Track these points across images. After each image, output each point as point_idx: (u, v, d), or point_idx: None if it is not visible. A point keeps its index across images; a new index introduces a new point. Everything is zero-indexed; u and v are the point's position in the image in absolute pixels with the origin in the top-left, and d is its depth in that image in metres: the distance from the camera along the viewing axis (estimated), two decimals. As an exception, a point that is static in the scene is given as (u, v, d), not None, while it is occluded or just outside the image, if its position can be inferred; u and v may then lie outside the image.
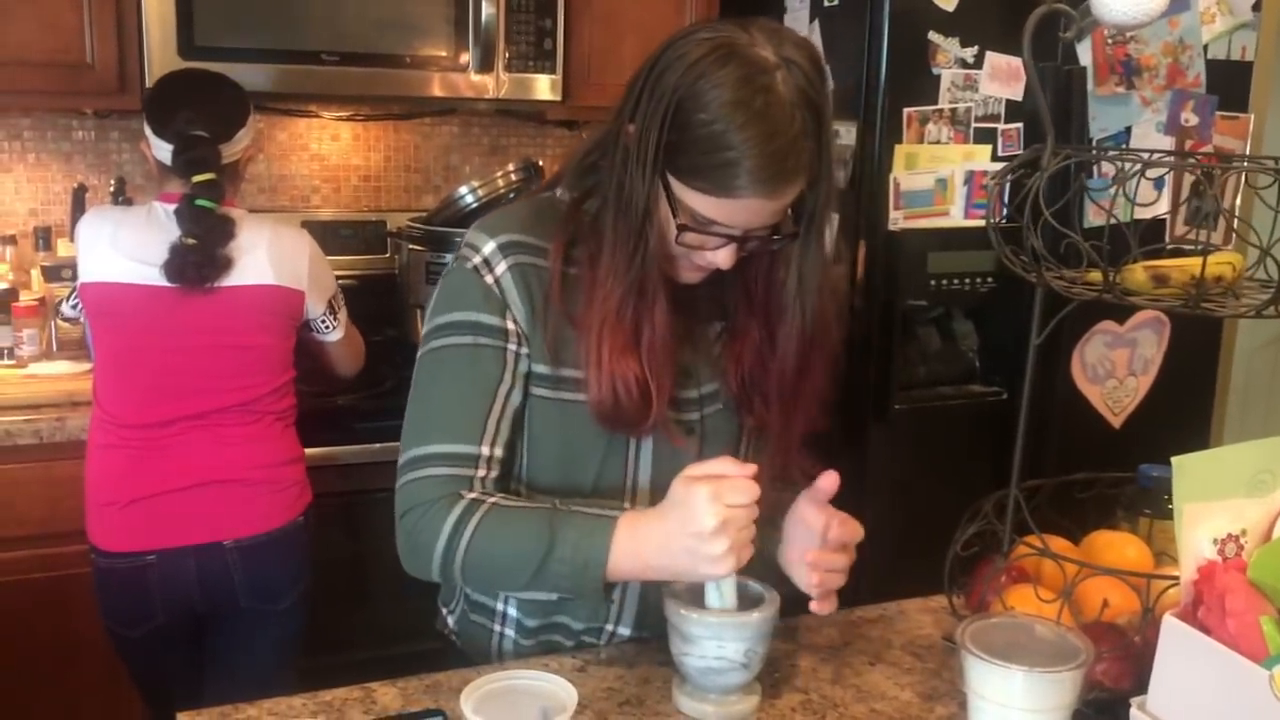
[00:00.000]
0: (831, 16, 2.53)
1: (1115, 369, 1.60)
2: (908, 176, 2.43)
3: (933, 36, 2.39)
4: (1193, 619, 0.99)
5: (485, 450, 1.22)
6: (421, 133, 3.01)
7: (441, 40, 2.54)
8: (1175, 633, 0.99)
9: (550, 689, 1.09)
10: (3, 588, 2.19)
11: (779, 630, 1.23)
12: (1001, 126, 2.49)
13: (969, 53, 2.43)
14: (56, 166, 2.70)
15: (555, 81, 2.65)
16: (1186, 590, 1.01)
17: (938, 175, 2.46)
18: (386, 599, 2.31)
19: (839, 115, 2.40)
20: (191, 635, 2.07)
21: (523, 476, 1.30)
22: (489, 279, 1.22)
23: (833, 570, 1.23)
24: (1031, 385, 1.28)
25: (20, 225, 2.67)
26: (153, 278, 1.93)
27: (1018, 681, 1.04)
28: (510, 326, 1.23)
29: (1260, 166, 1.14)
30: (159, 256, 1.93)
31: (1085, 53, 2.48)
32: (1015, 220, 1.17)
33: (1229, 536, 1.01)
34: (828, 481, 1.23)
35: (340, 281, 2.25)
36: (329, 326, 2.18)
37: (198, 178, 1.96)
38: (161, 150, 2.00)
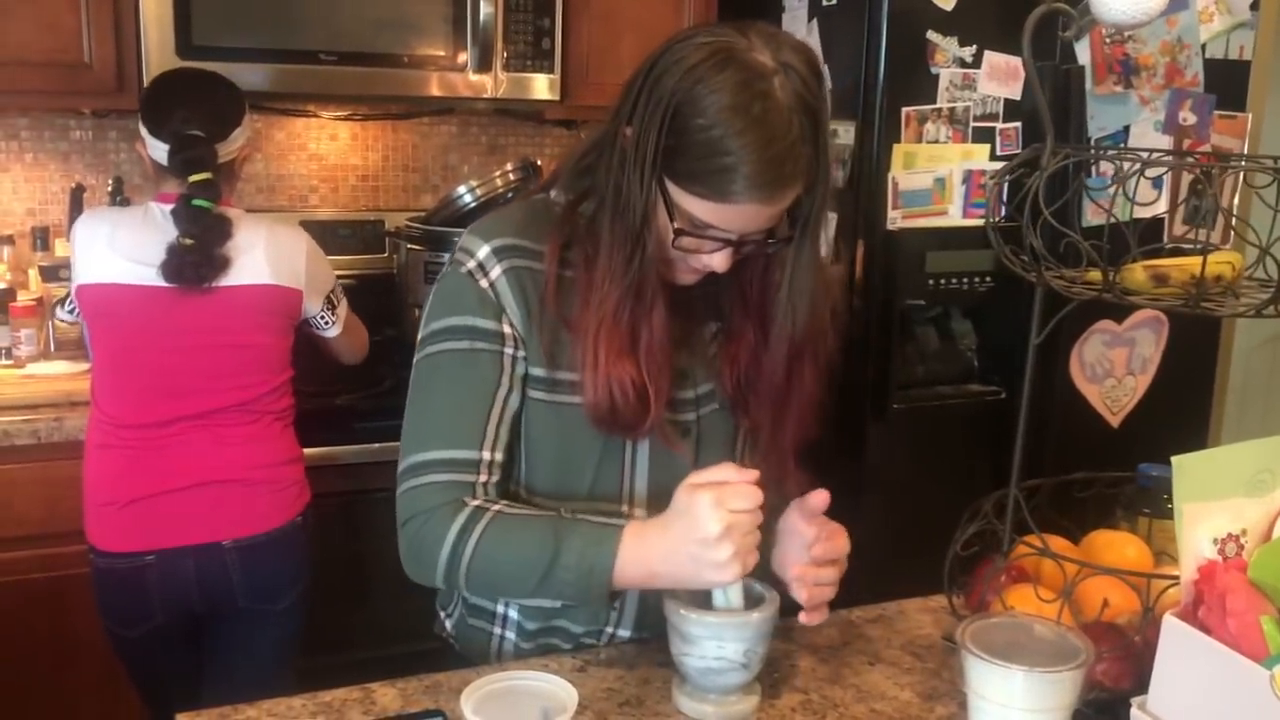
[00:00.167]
0: (830, 16, 2.53)
1: (1114, 368, 1.60)
2: (906, 176, 2.44)
3: (931, 36, 2.40)
4: (1193, 619, 0.99)
5: (485, 455, 1.22)
6: (420, 132, 3.01)
7: (439, 40, 2.54)
8: (1176, 632, 0.99)
9: (550, 689, 1.09)
10: (1, 588, 2.18)
11: (779, 630, 1.23)
12: (1000, 126, 2.49)
13: (967, 52, 2.43)
14: (54, 166, 2.70)
15: (553, 81, 2.65)
16: (1187, 590, 1.01)
17: (936, 175, 2.46)
18: (386, 599, 2.30)
19: (837, 114, 2.40)
20: (190, 635, 2.07)
21: (520, 480, 1.29)
22: (484, 283, 1.22)
23: (821, 584, 1.22)
24: (1031, 385, 1.28)
25: (18, 225, 2.66)
26: (150, 278, 1.93)
27: (1018, 681, 1.04)
28: (507, 330, 1.22)
29: (1259, 165, 1.13)
30: (156, 257, 1.92)
31: (1083, 52, 2.48)
32: (1014, 220, 1.17)
33: (1229, 536, 1.01)
34: (818, 500, 1.23)
35: (339, 282, 2.25)
36: (328, 323, 2.18)
37: (194, 177, 1.95)
38: (157, 150, 2.00)
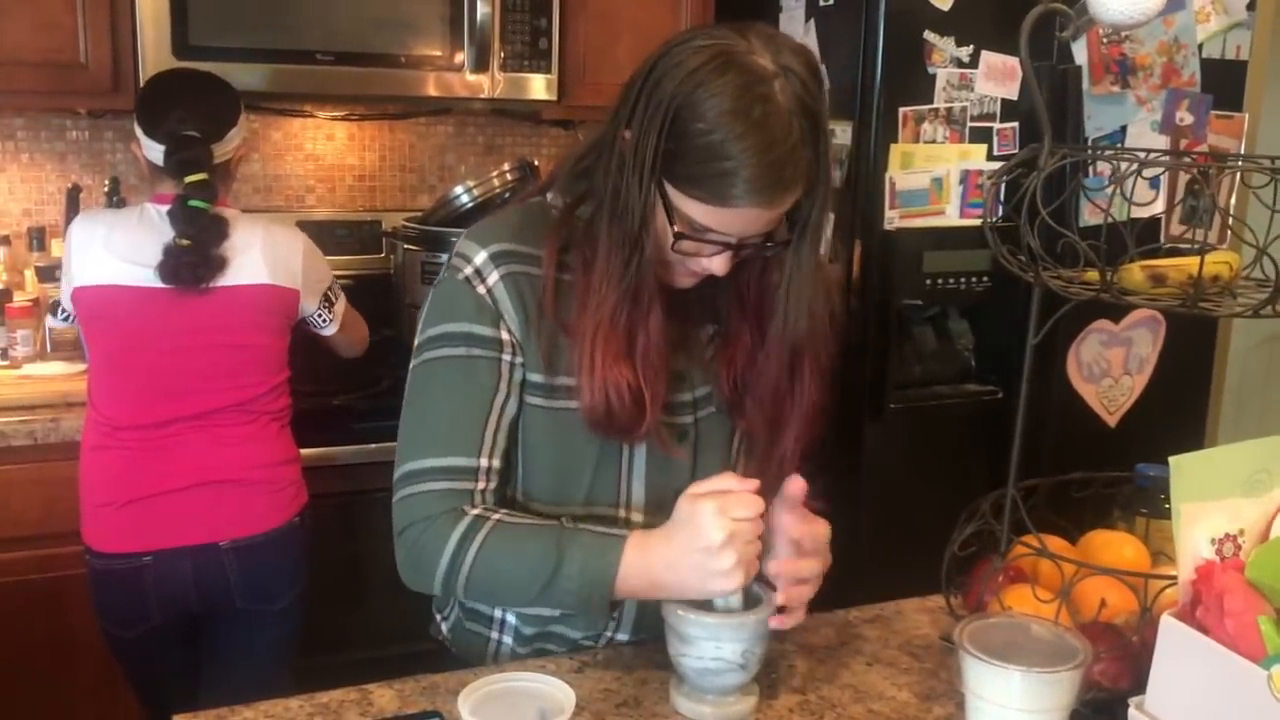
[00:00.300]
0: (827, 16, 2.53)
1: (1111, 368, 1.60)
2: (903, 176, 2.44)
3: (928, 36, 2.40)
4: (1191, 619, 0.99)
5: (483, 463, 1.21)
6: (417, 132, 3.01)
7: (436, 39, 2.53)
8: (1173, 633, 0.99)
9: (548, 690, 1.09)
10: (-2, 589, 2.18)
11: (776, 631, 1.22)
12: (997, 126, 2.49)
13: (964, 52, 2.43)
14: (50, 166, 2.70)
15: (550, 81, 2.64)
16: (1184, 590, 1.01)
17: (933, 174, 2.46)
18: (383, 600, 2.30)
19: (834, 114, 2.39)
20: (187, 636, 2.07)
21: (518, 485, 1.29)
22: (481, 289, 1.21)
23: (801, 581, 1.21)
24: (1029, 385, 1.28)
25: (14, 226, 2.66)
26: (147, 279, 1.93)
27: (1015, 682, 1.04)
28: (504, 337, 1.21)
29: (1256, 165, 1.13)
30: (153, 258, 1.92)
31: (1080, 52, 2.48)
32: (1011, 220, 1.17)
33: (1227, 536, 1.01)
34: (795, 487, 1.22)
35: (336, 279, 2.25)
36: (325, 321, 2.18)
37: (190, 178, 1.95)
38: (153, 151, 2.00)
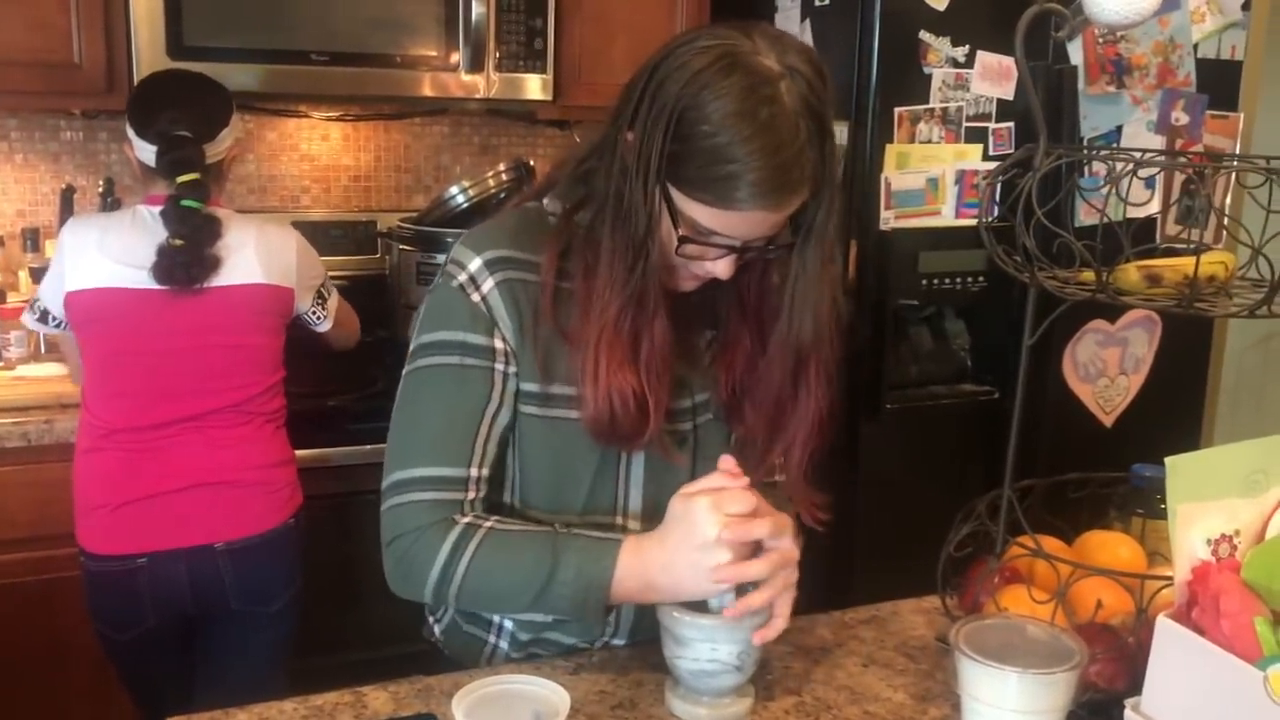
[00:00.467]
0: (823, 15, 2.53)
1: (1106, 368, 1.60)
2: (899, 176, 2.43)
3: (924, 36, 2.39)
4: (1187, 620, 0.99)
5: (473, 472, 1.20)
6: (412, 133, 3.00)
7: (432, 40, 2.53)
8: (1169, 634, 0.99)
9: (542, 693, 1.08)
10: (-9, 591, 2.18)
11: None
12: (993, 126, 2.49)
13: (960, 52, 2.43)
14: (44, 167, 2.69)
15: (546, 81, 2.64)
16: (1181, 591, 1.01)
17: (929, 175, 2.46)
18: (378, 601, 2.28)
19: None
20: (182, 638, 2.06)
21: (514, 494, 1.28)
22: (475, 297, 1.19)
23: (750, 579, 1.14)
24: (1025, 386, 1.28)
25: (8, 226, 2.65)
26: (141, 281, 1.92)
27: (1011, 683, 1.03)
28: (498, 345, 1.20)
29: (1252, 166, 1.13)
30: (147, 259, 1.91)
31: (1076, 52, 2.48)
32: (1007, 220, 1.17)
33: (1223, 537, 1.01)
34: (725, 464, 1.17)
35: (328, 276, 2.25)
36: (320, 318, 2.18)
37: (182, 178, 1.94)
38: (145, 152, 1.99)
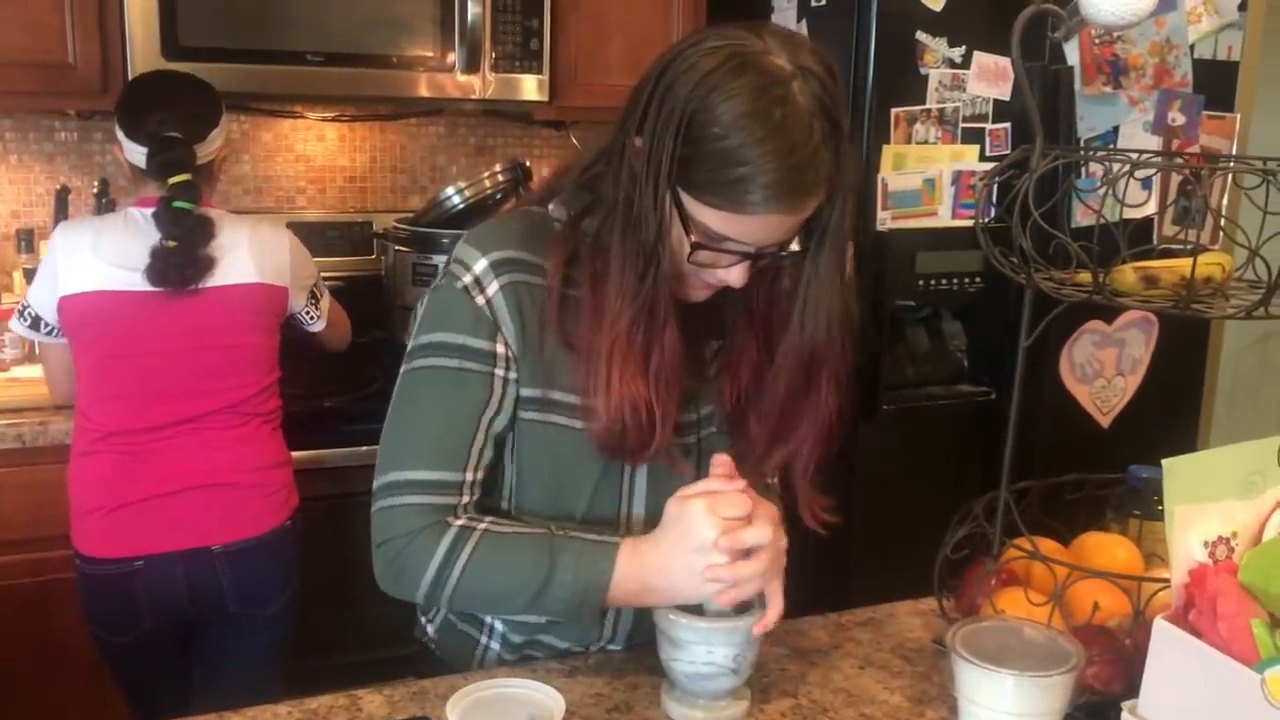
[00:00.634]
0: (819, 16, 2.53)
1: (1103, 368, 1.60)
2: (895, 177, 2.43)
3: (920, 36, 2.39)
4: (1184, 622, 0.98)
5: (469, 476, 1.19)
6: (408, 133, 3.00)
7: (427, 40, 2.52)
8: (1166, 636, 0.99)
9: (538, 697, 1.08)
10: (-14, 593, 2.17)
11: (768, 634, 1.21)
12: (989, 126, 2.49)
13: (956, 52, 2.43)
14: (39, 168, 2.68)
15: (542, 82, 2.64)
16: (1177, 593, 1.01)
17: (925, 175, 2.46)
18: (373, 603, 2.28)
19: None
20: (178, 641, 2.06)
21: (510, 500, 1.26)
22: (480, 300, 1.17)
23: (743, 580, 1.14)
24: (1021, 387, 1.28)
25: (2, 228, 2.65)
26: (136, 283, 1.91)
27: (1008, 686, 1.03)
28: (500, 350, 1.17)
29: (1248, 167, 1.13)
30: (141, 261, 1.91)
31: (1072, 52, 2.48)
32: (1003, 220, 1.17)
33: (1220, 539, 1.01)
34: (721, 467, 1.17)
35: (327, 283, 2.24)
36: (313, 318, 2.18)
37: (174, 179, 1.93)
38: (135, 154, 1.98)
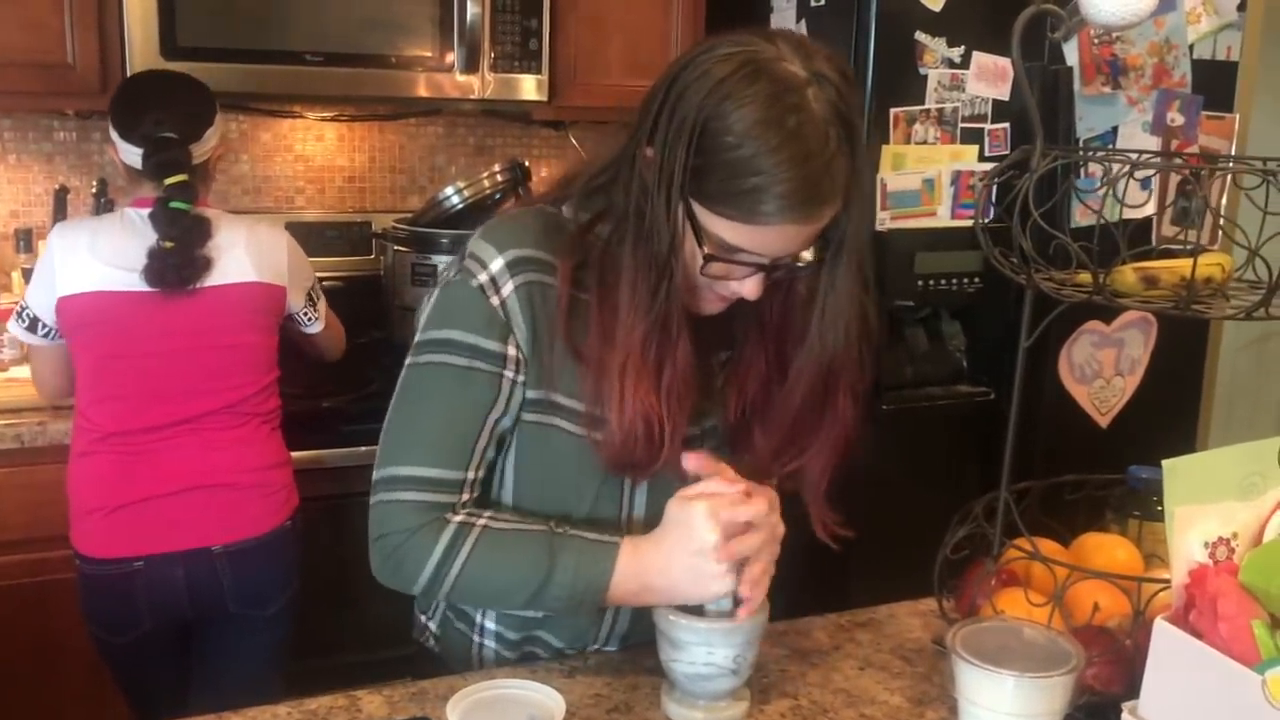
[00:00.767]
0: (818, 16, 2.52)
1: (1102, 369, 1.59)
2: (895, 177, 2.43)
3: (920, 36, 2.39)
4: (1184, 623, 0.98)
5: (470, 475, 1.18)
6: (407, 133, 3.00)
7: (426, 40, 2.52)
8: (1167, 637, 0.99)
9: (538, 698, 1.08)
10: (-15, 593, 2.17)
11: (768, 635, 1.22)
12: (988, 126, 2.49)
13: (956, 53, 2.43)
14: (38, 168, 2.68)
15: (541, 82, 2.63)
16: (1178, 594, 1.01)
17: (925, 175, 2.46)
18: (373, 603, 2.28)
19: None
20: (178, 641, 2.06)
21: (508, 496, 1.25)
22: (494, 300, 1.14)
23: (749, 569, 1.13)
24: (1021, 388, 1.28)
25: (1, 227, 2.64)
26: (134, 283, 1.91)
27: (1009, 687, 1.03)
28: (510, 352, 1.16)
29: (1248, 167, 1.13)
30: (138, 261, 1.90)
31: (1071, 53, 2.48)
32: (1003, 221, 1.17)
33: (1220, 540, 1.01)
34: (692, 463, 1.15)
35: (325, 283, 2.24)
36: (310, 319, 2.18)
37: (170, 180, 1.93)
38: (130, 154, 1.97)
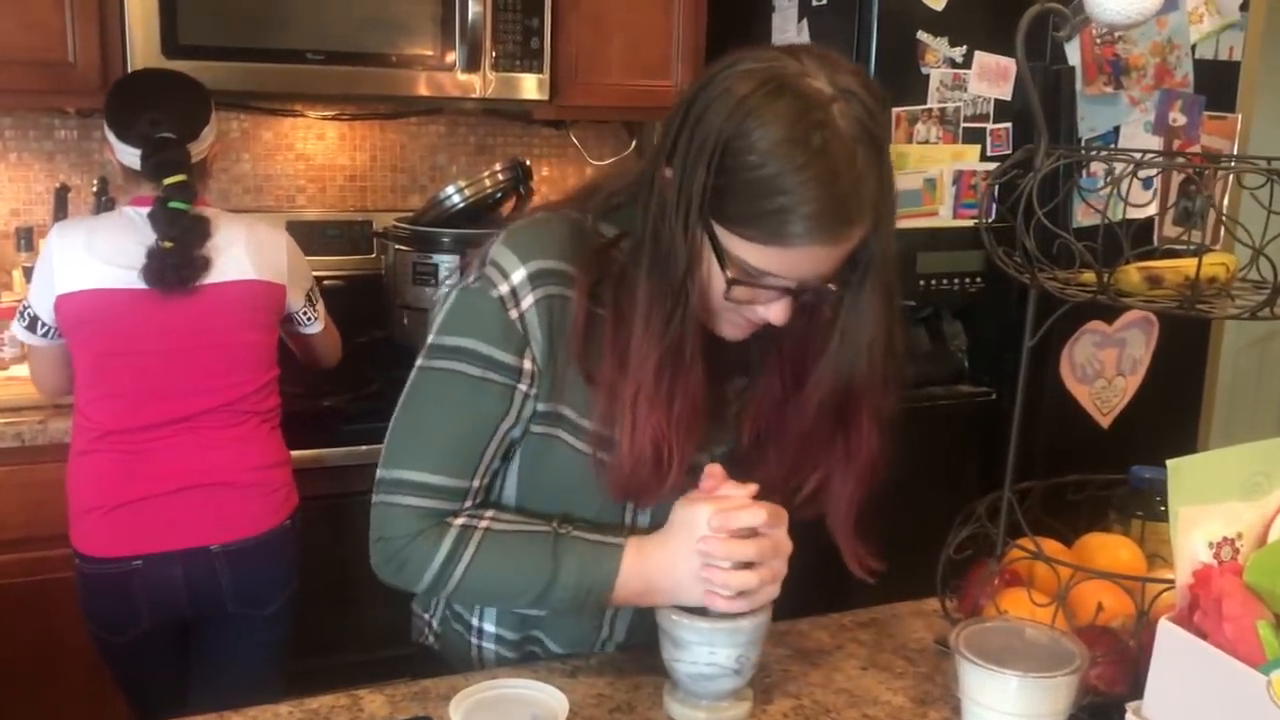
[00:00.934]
0: (820, 15, 2.52)
1: (1104, 369, 1.59)
2: (897, 176, 2.40)
3: (921, 36, 2.39)
4: (1189, 623, 0.98)
5: (474, 483, 1.17)
6: (408, 132, 2.99)
7: (427, 39, 2.52)
8: (1171, 637, 0.98)
9: (541, 697, 1.08)
10: (-15, 592, 2.17)
11: (771, 635, 1.22)
12: (990, 126, 2.49)
13: (958, 52, 2.42)
14: (39, 166, 2.68)
15: (542, 81, 2.63)
16: (1182, 594, 1.01)
17: (926, 175, 2.46)
18: (373, 603, 2.28)
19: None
20: (177, 640, 2.05)
21: (511, 499, 1.24)
22: (513, 313, 1.12)
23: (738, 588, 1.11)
24: (1025, 388, 1.27)
25: (1, 226, 2.64)
26: (132, 281, 1.90)
27: (1012, 687, 1.03)
28: (526, 366, 1.14)
29: (1252, 166, 1.13)
30: (137, 260, 1.90)
31: (1073, 52, 2.48)
32: (1005, 220, 1.17)
33: (1224, 540, 1.01)
34: (713, 479, 1.15)
35: (326, 282, 2.24)
36: (310, 318, 2.17)
37: (169, 180, 1.92)
38: (127, 155, 1.97)
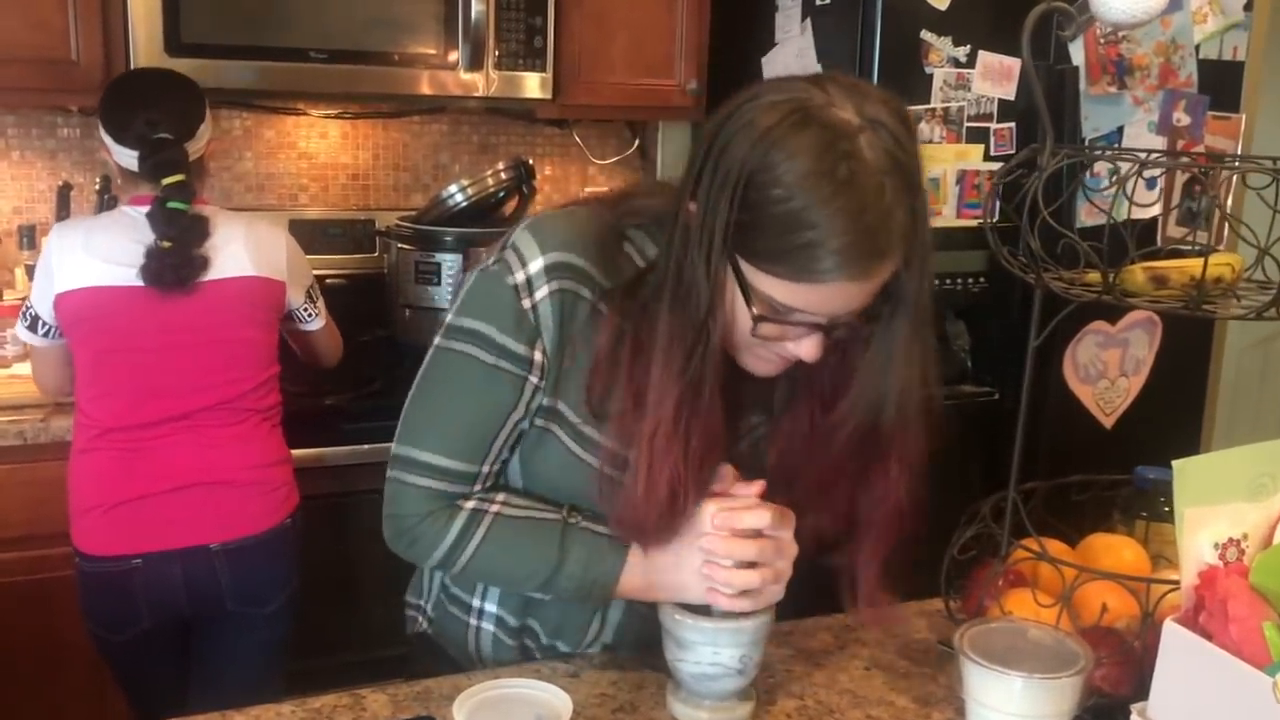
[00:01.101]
0: (823, 15, 2.52)
1: (1107, 369, 1.59)
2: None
3: (925, 35, 2.39)
4: (1194, 624, 0.98)
5: (485, 469, 1.18)
6: (411, 131, 2.99)
7: (430, 38, 2.52)
8: (1176, 638, 0.98)
9: (544, 697, 1.07)
10: (-14, 591, 2.16)
11: (774, 635, 1.21)
12: (994, 126, 2.49)
13: (961, 52, 2.42)
14: (41, 164, 2.68)
15: (545, 79, 2.63)
16: (1188, 595, 1.00)
17: (930, 175, 2.45)
18: (375, 602, 2.29)
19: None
20: (178, 639, 2.05)
21: (520, 487, 1.24)
22: (526, 303, 1.12)
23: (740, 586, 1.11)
24: (1030, 388, 1.27)
25: (4, 224, 2.64)
26: (131, 279, 1.91)
27: (1017, 688, 1.03)
28: (537, 357, 1.14)
29: (1257, 166, 1.13)
30: (136, 259, 1.90)
31: (1077, 52, 2.47)
32: (1010, 220, 1.16)
33: (1230, 541, 1.00)
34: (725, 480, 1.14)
35: (329, 281, 2.24)
36: (310, 316, 2.17)
37: (168, 180, 1.92)
38: (124, 157, 1.96)
